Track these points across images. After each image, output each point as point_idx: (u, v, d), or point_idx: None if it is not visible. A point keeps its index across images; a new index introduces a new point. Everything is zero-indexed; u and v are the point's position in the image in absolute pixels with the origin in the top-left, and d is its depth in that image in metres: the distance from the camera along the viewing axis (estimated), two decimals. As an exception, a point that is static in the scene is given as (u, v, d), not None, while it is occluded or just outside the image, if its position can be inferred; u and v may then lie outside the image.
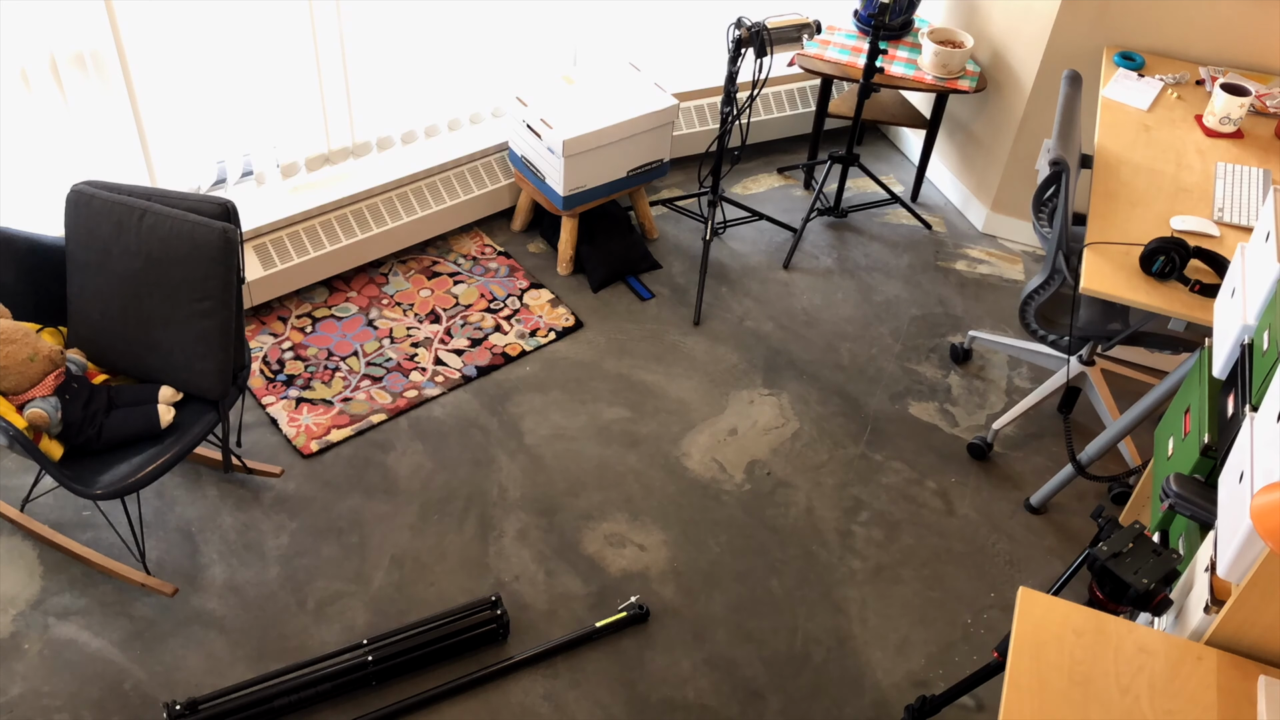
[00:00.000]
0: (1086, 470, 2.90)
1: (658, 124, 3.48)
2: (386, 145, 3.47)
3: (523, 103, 3.42)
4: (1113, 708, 1.65)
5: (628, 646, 2.58)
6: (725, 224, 3.85)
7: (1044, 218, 2.89)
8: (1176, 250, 2.49)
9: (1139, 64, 3.29)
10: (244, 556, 2.69)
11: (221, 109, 3.09)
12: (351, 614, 2.60)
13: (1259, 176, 2.84)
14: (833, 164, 3.95)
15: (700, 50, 4.06)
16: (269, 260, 3.22)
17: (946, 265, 3.79)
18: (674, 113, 3.49)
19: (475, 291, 3.48)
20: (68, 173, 2.87)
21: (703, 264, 3.47)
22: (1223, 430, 2.00)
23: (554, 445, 3.04)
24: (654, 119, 3.46)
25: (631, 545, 2.80)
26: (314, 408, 3.07)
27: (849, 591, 2.75)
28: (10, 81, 2.65)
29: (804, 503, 2.95)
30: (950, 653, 2.63)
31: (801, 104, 4.23)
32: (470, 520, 2.83)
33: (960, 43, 3.71)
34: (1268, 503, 1.51)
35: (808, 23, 3.20)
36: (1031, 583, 2.80)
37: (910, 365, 3.39)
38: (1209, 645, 1.75)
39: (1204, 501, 2.00)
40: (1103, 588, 1.85)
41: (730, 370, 3.31)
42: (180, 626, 2.54)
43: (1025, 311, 2.85)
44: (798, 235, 3.75)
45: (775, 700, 2.51)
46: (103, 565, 2.60)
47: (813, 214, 3.90)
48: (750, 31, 3.11)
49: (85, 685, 2.41)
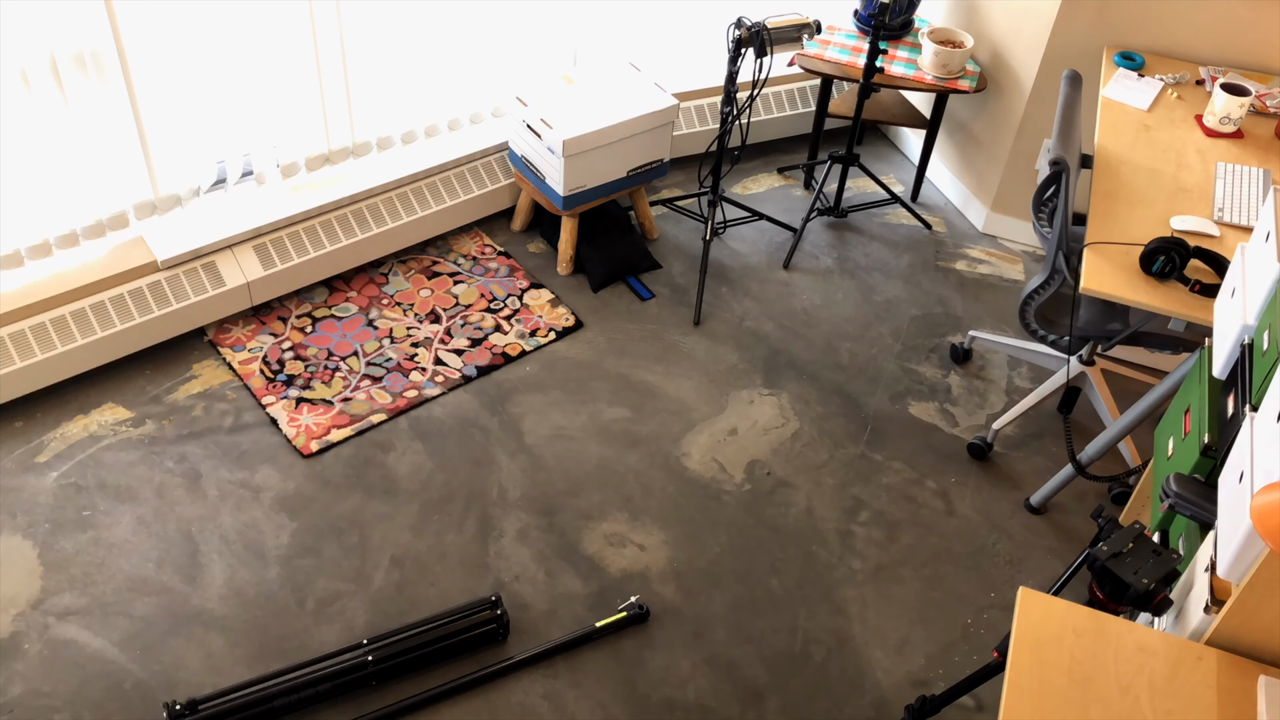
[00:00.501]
0: (1086, 470, 2.90)
1: (658, 124, 3.48)
2: (386, 145, 3.47)
3: (523, 103, 3.42)
4: (1113, 708, 1.65)
5: (628, 646, 2.58)
6: (725, 224, 3.85)
7: (1044, 218, 2.89)
8: (1176, 250, 2.49)
9: (1139, 64, 3.28)
10: (244, 556, 2.69)
11: (221, 109, 3.09)
12: (351, 614, 2.60)
13: (1259, 176, 2.84)
14: (833, 164, 3.95)
15: (700, 50, 4.06)
16: (269, 260, 3.22)
17: (946, 265, 3.79)
18: (674, 113, 3.49)
19: (475, 291, 3.48)
20: (68, 173, 2.87)
21: (703, 264, 3.47)
22: (1223, 430, 2.00)
23: (554, 445, 3.04)
24: (654, 119, 3.46)
25: (631, 545, 2.80)
26: (314, 408, 3.07)
27: (849, 591, 2.75)
28: (10, 81, 2.65)
29: (804, 503, 2.95)
30: (950, 653, 2.63)
31: (801, 104, 4.23)
32: (470, 520, 2.83)
33: (960, 43, 3.71)
34: (1268, 503, 1.51)
35: (808, 23, 3.20)
36: (1031, 583, 2.80)
37: (910, 365, 3.39)
38: (1209, 645, 1.75)
39: (1204, 501, 2.00)
40: (1103, 588, 1.85)
41: (730, 370, 3.31)
42: (180, 626, 2.54)
43: (1025, 311, 2.85)
44: (798, 235, 3.75)
45: (775, 700, 2.51)
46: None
47: (813, 214, 3.90)
48: (750, 31, 3.11)
49: (85, 685, 2.41)
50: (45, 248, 2.94)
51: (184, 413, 3.02)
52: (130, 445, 2.92)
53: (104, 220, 3.02)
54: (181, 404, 3.04)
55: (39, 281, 2.94)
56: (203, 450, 2.93)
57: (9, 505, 2.75)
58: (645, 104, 3.45)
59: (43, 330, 2.91)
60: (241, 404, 3.06)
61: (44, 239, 2.93)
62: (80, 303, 2.97)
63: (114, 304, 3.01)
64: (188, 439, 2.95)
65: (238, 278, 3.18)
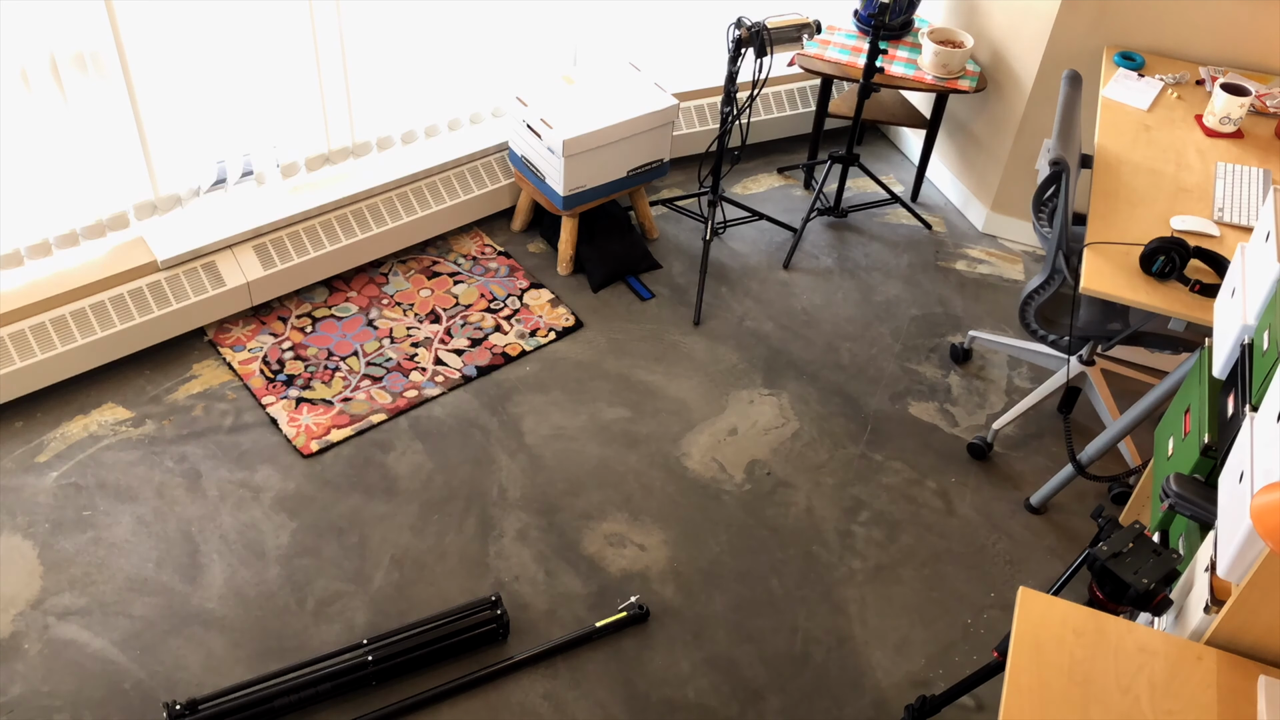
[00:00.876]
0: (1086, 470, 2.90)
1: (657, 124, 3.48)
2: (386, 145, 3.47)
3: (523, 103, 3.42)
4: (1113, 708, 1.65)
5: (628, 646, 2.58)
6: (725, 224, 3.85)
7: (1044, 218, 2.89)
8: (1176, 250, 2.49)
9: (1139, 64, 3.28)
10: (244, 556, 2.69)
11: (221, 109, 3.09)
12: (351, 614, 2.60)
13: (1259, 176, 2.84)
14: (833, 164, 3.95)
15: (700, 50, 4.06)
16: (269, 260, 3.22)
17: (946, 265, 3.79)
18: (674, 113, 3.49)
19: (475, 291, 3.48)
20: (68, 173, 2.87)
21: (703, 264, 3.47)
22: (1223, 430, 2.00)
23: (554, 445, 3.04)
24: (654, 119, 3.46)
25: (631, 545, 2.80)
26: (314, 408, 3.07)
27: (849, 591, 2.75)
28: (10, 81, 2.65)
29: (804, 503, 2.95)
30: (950, 653, 2.63)
31: (801, 104, 4.23)
32: (470, 520, 2.83)
33: (960, 43, 3.71)
34: (1268, 503, 1.51)
35: (808, 23, 3.20)
36: (1031, 583, 2.80)
37: (910, 365, 3.39)
38: (1209, 645, 1.75)
39: (1204, 501, 2.00)
40: (1103, 588, 1.85)
41: (730, 370, 3.31)
42: (180, 626, 2.54)
43: (1025, 311, 2.85)
44: (798, 235, 3.75)
45: (775, 700, 2.51)
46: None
47: (813, 214, 3.90)
48: (750, 31, 3.11)
49: (85, 685, 2.41)
50: (45, 247, 2.94)
51: (184, 413, 3.02)
52: (130, 445, 2.92)
53: (104, 220, 3.02)
54: (181, 404, 3.04)
55: (39, 281, 2.94)
56: (203, 450, 2.93)
57: (9, 505, 2.75)
58: (645, 104, 3.45)
59: (43, 330, 2.91)
60: (241, 404, 3.06)
61: (44, 239, 2.93)
62: (80, 303, 2.97)
63: (114, 304, 3.01)
64: (188, 439, 2.95)
65: (238, 278, 3.18)
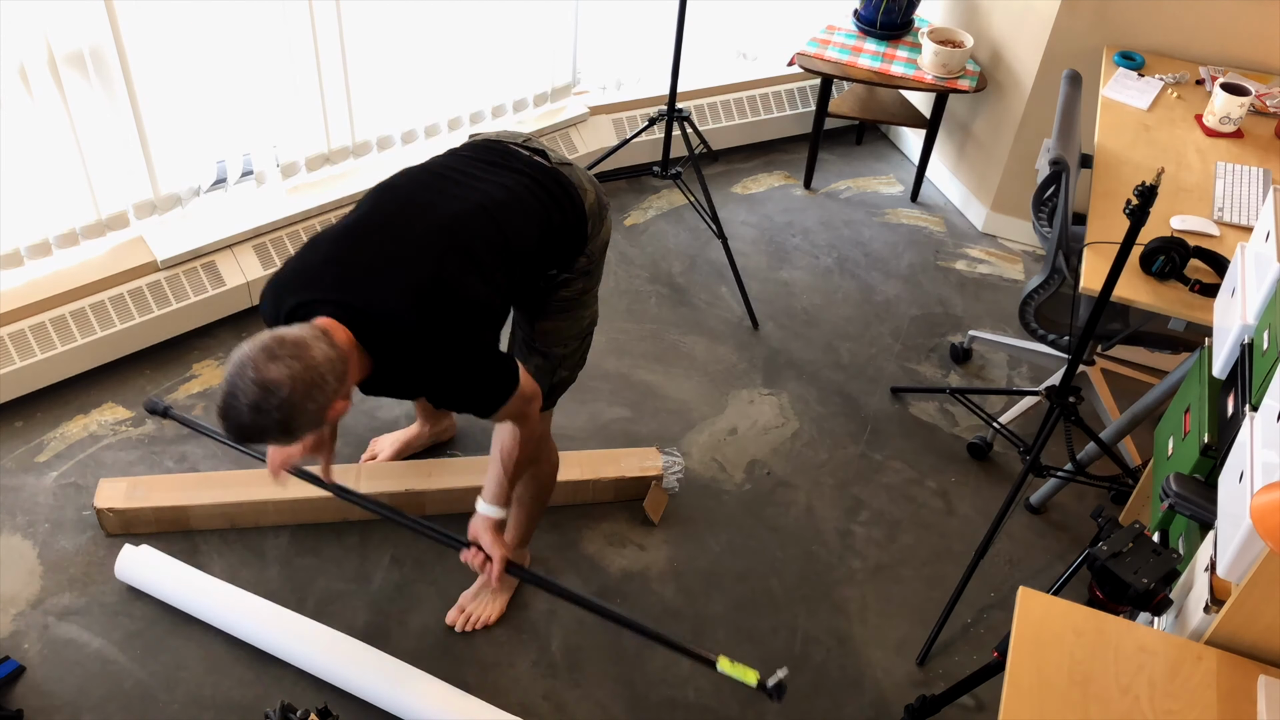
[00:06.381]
0: (1086, 470, 2.90)
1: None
2: (386, 145, 3.47)
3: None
4: (1113, 708, 1.65)
5: (628, 646, 2.58)
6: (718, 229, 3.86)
7: (1044, 217, 2.89)
8: (1176, 250, 2.49)
9: (1139, 64, 3.29)
10: (244, 556, 2.69)
11: (221, 109, 3.08)
12: (351, 614, 2.59)
13: (1259, 176, 2.84)
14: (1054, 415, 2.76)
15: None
16: (269, 260, 3.22)
17: (946, 265, 3.79)
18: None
19: (475, 291, 3.48)
20: (68, 173, 2.86)
21: (733, 266, 3.46)
22: (1223, 430, 2.01)
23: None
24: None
25: (631, 545, 2.80)
26: (314, 408, 3.06)
27: (849, 591, 2.74)
28: (10, 81, 2.65)
29: (804, 502, 2.95)
30: (950, 653, 2.63)
31: (801, 104, 4.23)
32: (470, 520, 2.83)
33: (960, 42, 3.71)
34: (1268, 502, 1.51)
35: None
36: (1031, 583, 2.80)
37: (910, 365, 3.39)
38: (1209, 645, 1.75)
39: (1204, 501, 2.00)
40: (1103, 588, 1.85)
41: (730, 370, 3.31)
42: (180, 626, 2.53)
43: (1025, 311, 2.85)
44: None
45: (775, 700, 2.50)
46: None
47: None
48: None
49: (85, 685, 2.41)
50: (45, 247, 2.94)
51: (184, 412, 3.01)
52: (130, 445, 2.92)
53: (104, 220, 3.01)
54: (181, 404, 3.04)
55: (39, 281, 2.94)
56: (202, 450, 2.93)
57: (9, 505, 2.75)
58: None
59: (43, 330, 2.91)
60: (241, 404, 3.05)
61: (44, 238, 2.93)
62: (80, 303, 2.96)
63: (114, 304, 3.01)
64: (188, 439, 2.95)
65: (238, 278, 3.18)
